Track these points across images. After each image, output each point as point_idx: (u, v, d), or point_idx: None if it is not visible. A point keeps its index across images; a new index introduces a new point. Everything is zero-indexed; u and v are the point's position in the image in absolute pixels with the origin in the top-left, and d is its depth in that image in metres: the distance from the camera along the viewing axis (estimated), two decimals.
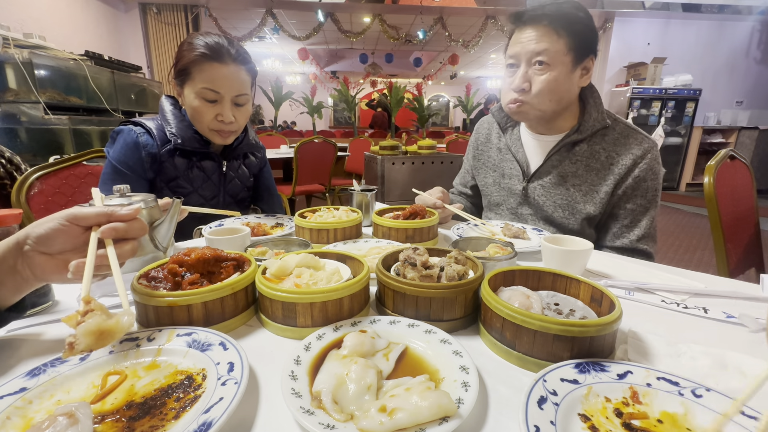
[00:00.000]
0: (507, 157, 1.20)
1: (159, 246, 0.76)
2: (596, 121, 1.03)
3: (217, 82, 1.01)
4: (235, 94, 1.04)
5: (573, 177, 1.07)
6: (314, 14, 6.05)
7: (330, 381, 0.42)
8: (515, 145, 1.17)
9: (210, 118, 1.04)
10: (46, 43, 3.10)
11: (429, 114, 5.22)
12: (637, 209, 1.04)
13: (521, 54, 0.98)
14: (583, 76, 1.01)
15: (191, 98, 1.03)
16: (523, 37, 0.97)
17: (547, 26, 0.94)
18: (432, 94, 14.07)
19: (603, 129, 1.04)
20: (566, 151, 1.07)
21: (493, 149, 1.25)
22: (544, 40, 0.94)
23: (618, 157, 1.02)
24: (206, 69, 1.00)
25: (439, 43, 7.97)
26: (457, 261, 0.63)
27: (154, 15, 5.57)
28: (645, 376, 0.43)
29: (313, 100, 6.38)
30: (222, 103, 1.03)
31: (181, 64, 1.02)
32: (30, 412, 0.39)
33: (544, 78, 0.96)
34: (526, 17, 0.97)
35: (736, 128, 6.22)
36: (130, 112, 3.73)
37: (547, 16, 0.94)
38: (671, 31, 6.26)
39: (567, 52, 0.95)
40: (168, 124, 1.09)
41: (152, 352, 0.48)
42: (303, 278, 0.59)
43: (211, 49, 0.99)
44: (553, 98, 0.99)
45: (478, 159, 1.30)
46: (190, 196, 1.13)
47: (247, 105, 1.09)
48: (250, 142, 1.26)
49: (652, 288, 0.71)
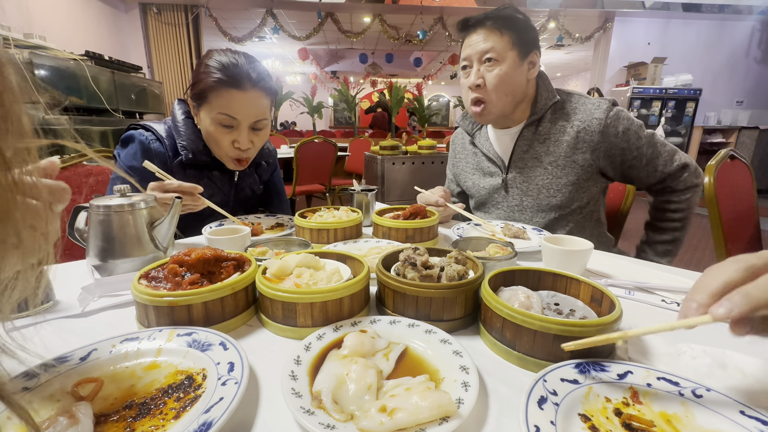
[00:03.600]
0: (482, 158, 1.27)
1: (159, 246, 0.77)
2: (547, 99, 1.11)
3: (234, 108, 0.95)
4: (254, 120, 0.99)
5: (546, 155, 1.12)
6: (314, 14, 6.05)
7: (330, 381, 0.42)
8: (485, 145, 1.24)
9: (226, 145, 1.00)
10: (47, 44, 3.10)
11: (429, 114, 5.22)
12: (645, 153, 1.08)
13: (472, 55, 1.07)
14: (530, 70, 1.09)
15: (207, 123, 0.99)
16: (472, 41, 1.07)
17: (491, 27, 1.05)
18: (432, 94, 14.06)
19: (557, 103, 1.11)
20: (531, 134, 1.14)
21: (469, 154, 1.32)
22: (490, 39, 1.04)
23: (583, 123, 1.07)
24: (224, 95, 0.94)
25: (439, 43, 7.97)
26: (457, 261, 0.63)
27: (154, 15, 5.57)
28: (645, 376, 0.43)
29: (313, 100, 6.38)
30: (239, 129, 0.98)
31: (197, 87, 0.97)
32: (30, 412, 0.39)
33: (495, 73, 1.05)
34: (471, 22, 1.09)
35: (736, 128, 6.21)
36: (130, 112, 3.74)
37: (490, 19, 1.05)
38: (671, 31, 6.25)
39: (512, 47, 1.04)
40: (179, 135, 1.04)
41: (152, 352, 0.48)
42: (303, 278, 0.59)
43: (229, 75, 0.94)
44: (507, 91, 1.07)
45: (457, 166, 1.37)
46: None
47: (266, 129, 1.05)
48: (264, 150, 1.23)
49: (652, 288, 0.71)
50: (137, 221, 0.74)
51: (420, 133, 6.45)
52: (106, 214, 0.72)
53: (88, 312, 0.62)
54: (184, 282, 0.57)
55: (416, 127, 8.61)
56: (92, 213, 0.72)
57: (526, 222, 1.17)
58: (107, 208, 0.72)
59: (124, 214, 0.72)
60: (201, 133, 1.05)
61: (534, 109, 1.12)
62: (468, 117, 1.31)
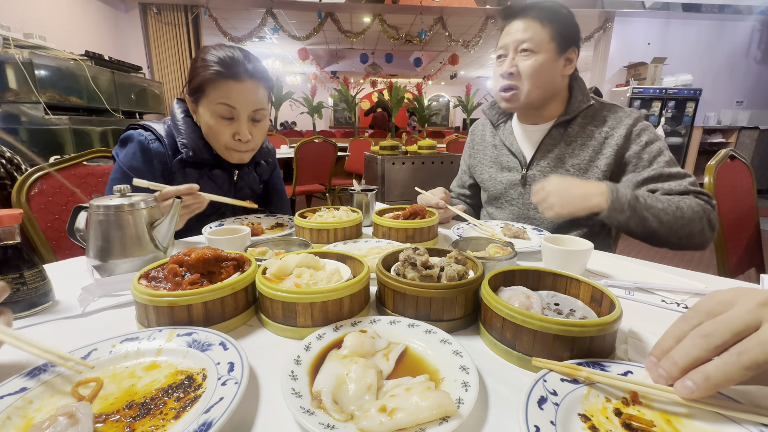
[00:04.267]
0: (503, 151, 1.24)
1: (159, 246, 0.77)
2: (581, 102, 1.10)
3: (233, 98, 0.97)
4: (252, 110, 1.00)
5: (570, 157, 1.11)
6: (314, 14, 6.05)
7: (330, 381, 0.42)
8: (508, 139, 1.22)
9: (227, 137, 1.01)
10: (47, 44, 3.10)
11: (429, 114, 5.22)
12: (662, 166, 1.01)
13: (509, 44, 1.06)
14: (566, 66, 1.08)
15: (206, 116, 0.99)
16: (512, 29, 1.06)
17: (533, 17, 1.03)
18: (432, 94, 14.07)
19: (589, 108, 1.11)
20: (559, 134, 1.12)
21: (489, 147, 1.30)
22: (530, 29, 1.03)
23: (612, 131, 1.07)
24: (221, 86, 0.96)
25: (439, 43, 7.97)
26: (457, 261, 0.63)
27: (154, 15, 5.57)
28: (645, 376, 0.43)
29: (313, 100, 6.38)
30: (239, 121, 0.99)
31: (195, 82, 0.98)
32: (30, 412, 0.39)
33: (529, 63, 1.04)
34: (513, 11, 1.07)
35: (736, 128, 6.21)
36: (130, 112, 3.74)
37: (533, 9, 1.04)
38: (671, 31, 6.25)
39: (550, 40, 1.03)
40: (179, 133, 1.05)
41: (152, 352, 0.48)
42: (303, 278, 0.59)
43: (225, 66, 0.95)
44: (539, 83, 1.05)
45: (475, 158, 1.34)
46: None
47: (265, 121, 1.06)
48: (263, 149, 1.23)
49: (652, 288, 0.71)
50: (137, 221, 0.74)
51: (420, 133, 6.46)
52: (105, 214, 0.72)
53: (88, 312, 0.62)
54: (184, 282, 0.57)
55: (416, 127, 8.61)
56: (92, 213, 0.72)
57: (538, 221, 1.16)
58: (107, 208, 0.72)
59: (124, 214, 0.72)
60: (201, 131, 1.05)
61: (567, 109, 1.11)
62: (495, 106, 1.28)
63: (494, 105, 1.28)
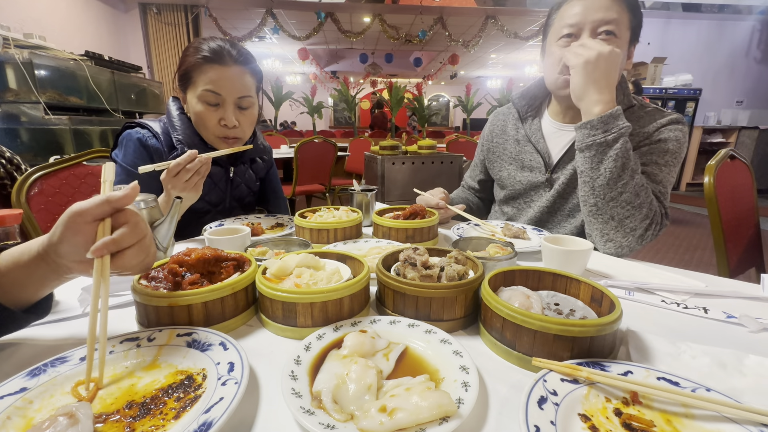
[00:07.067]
0: (526, 148, 1.13)
1: (159, 246, 0.77)
2: (622, 103, 0.99)
3: (218, 84, 0.98)
4: (238, 96, 1.01)
5: None
6: (314, 14, 6.05)
7: (330, 381, 0.42)
8: (535, 136, 1.11)
9: (213, 124, 1.02)
10: (47, 44, 3.10)
11: (429, 114, 5.22)
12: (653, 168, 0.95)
13: (585, 22, 0.90)
14: (627, 61, 0.97)
15: (194, 103, 1.01)
16: (591, 4, 0.89)
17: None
18: (432, 94, 14.07)
19: (630, 109, 1.00)
20: None
21: (510, 141, 1.18)
22: (614, 9, 0.88)
23: (644, 130, 0.98)
24: (207, 71, 0.98)
25: (439, 43, 7.96)
26: (457, 261, 0.63)
27: (154, 15, 5.57)
28: (645, 376, 0.43)
29: (313, 100, 6.38)
30: (224, 107, 1.01)
31: (182, 68, 1.01)
32: (30, 412, 0.39)
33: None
34: None
35: (736, 128, 6.21)
36: (130, 112, 3.73)
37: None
38: (671, 30, 6.26)
39: (627, 28, 0.92)
40: (175, 129, 1.06)
41: (152, 352, 0.48)
42: (303, 278, 0.59)
43: (212, 52, 0.98)
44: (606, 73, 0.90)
45: (492, 152, 1.24)
46: (195, 203, 1.12)
47: (252, 109, 1.07)
48: (259, 146, 1.24)
49: (652, 288, 0.71)
50: None
51: (420, 133, 6.46)
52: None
53: (89, 312, 0.62)
54: (184, 282, 0.57)
55: (416, 127, 8.62)
56: None
57: (555, 225, 1.11)
58: None
59: None
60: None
61: None
62: (526, 96, 1.15)
63: (525, 95, 1.15)
